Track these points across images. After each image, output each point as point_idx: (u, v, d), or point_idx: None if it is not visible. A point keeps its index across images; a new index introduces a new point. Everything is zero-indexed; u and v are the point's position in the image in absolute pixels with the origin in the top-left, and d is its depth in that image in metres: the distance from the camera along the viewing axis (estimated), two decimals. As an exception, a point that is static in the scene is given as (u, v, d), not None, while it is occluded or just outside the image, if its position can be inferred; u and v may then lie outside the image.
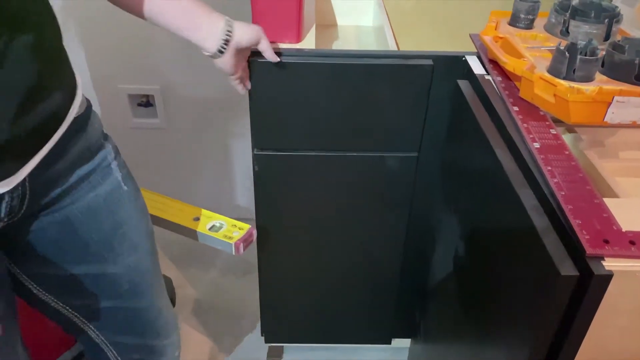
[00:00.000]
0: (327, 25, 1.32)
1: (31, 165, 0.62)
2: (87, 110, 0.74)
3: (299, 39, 0.97)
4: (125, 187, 0.78)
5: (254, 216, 1.11)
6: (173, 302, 1.48)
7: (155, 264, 0.85)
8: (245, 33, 0.83)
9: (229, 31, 0.82)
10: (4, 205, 0.62)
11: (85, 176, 0.73)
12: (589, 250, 0.53)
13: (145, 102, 1.61)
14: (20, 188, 0.63)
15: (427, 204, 1.11)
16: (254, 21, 0.95)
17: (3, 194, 0.61)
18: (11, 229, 0.67)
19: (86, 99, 0.75)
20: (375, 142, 1.03)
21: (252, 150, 1.04)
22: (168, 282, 1.47)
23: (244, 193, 1.83)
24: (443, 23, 1.45)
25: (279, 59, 0.90)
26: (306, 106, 0.98)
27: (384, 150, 1.04)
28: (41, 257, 0.73)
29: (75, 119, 0.69)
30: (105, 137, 0.79)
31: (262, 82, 0.95)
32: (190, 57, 1.54)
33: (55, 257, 0.74)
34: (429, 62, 0.94)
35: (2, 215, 0.63)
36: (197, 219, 1.02)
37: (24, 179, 0.62)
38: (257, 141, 1.03)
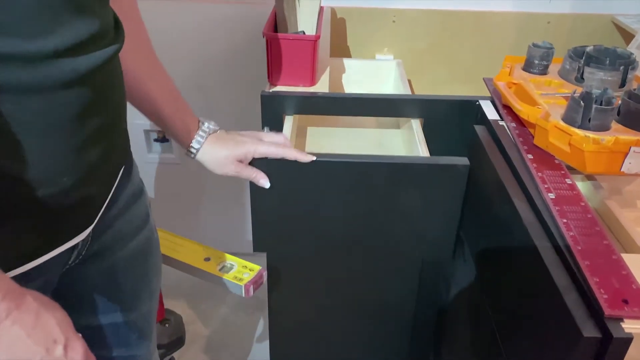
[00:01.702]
0: (341, 63, 1.33)
1: (100, 212, 0.63)
2: (130, 155, 0.74)
3: (313, 82, 0.98)
4: (155, 234, 0.78)
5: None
6: (183, 339, 1.46)
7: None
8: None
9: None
10: (75, 253, 0.62)
11: (131, 222, 0.72)
12: (607, 312, 0.51)
13: (162, 138, 1.63)
14: (89, 235, 0.63)
15: (441, 246, 1.10)
16: (269, 65, 0.96)
17: (78, 242, 0.60)
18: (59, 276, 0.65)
19: None
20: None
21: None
22: (178, 319, 1.46)
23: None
24: (457, 64, 1.46)
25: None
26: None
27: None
28: (77, 305, 0.69)
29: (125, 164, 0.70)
30: (142, 181, 0.78)
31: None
32: (207, 94, 1.56)
33: (91, 306, 0.71)
34: (446, 107, 0.94)
35: (71, 261, 0.62)
36: (208, 259, 1.02)
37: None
38: (257, 245, 1.02)
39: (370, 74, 1.27)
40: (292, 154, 0.80)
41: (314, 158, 0.80)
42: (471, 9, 1.40)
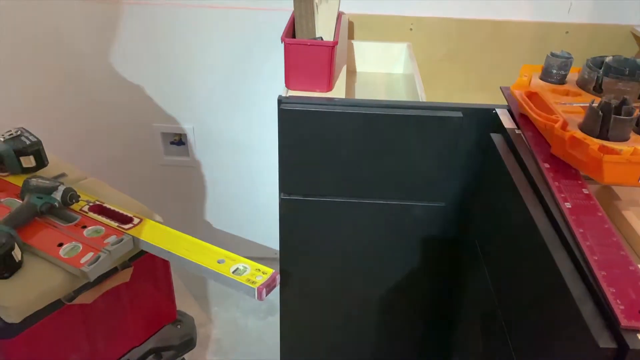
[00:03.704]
0: (358, 71, 1.34)
1: None
2: None
3: (329, 88, 0.99)
4: None
5: (277, 255, 1.11)
6: (194, 340, 1.47)
7: None
8: None
9: None
10: None
11: None
12: (623, 322, 0.51)
13: (178, 141, 1.65)
14: None
15: (454, 255, 1.09)
16: (287, 70, 0.97)
17: None
18: None
19: None
20: (402, 190, 1.02)
21: (279, 195, 1.04)
22: (189, 320, 1.46)
23: (269, 232, 1.84)
24: (473, 73, 1.46)
25: None
26: (334, 154, 0.99)
27: (410, 200, 1.03)
28: None
29: None
30: None
31: (291, 129, 0.96)
32: (223, 99, 1.58)
33: None
34: (459, 114, 0.94)
35: None
36: (222, 261, 1.02)
37: None
38: (284, 186, 1.03)
39: (382, 56, 1.32)
40: None
41: None
42: (489, 18, 1.40)
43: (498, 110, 0.94)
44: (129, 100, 1.60)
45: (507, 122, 0.91)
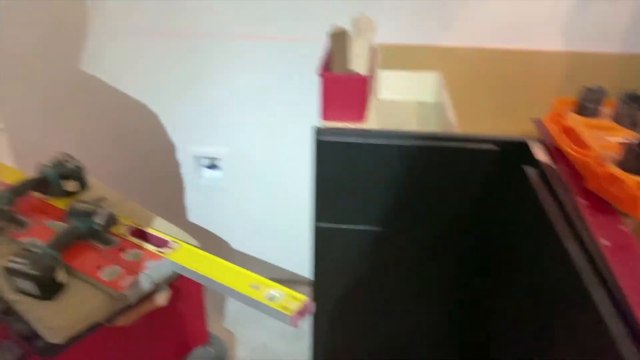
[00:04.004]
0: (388, 100, 1.36)
1: None
2: None
3: (363, 119, 1.01)
4: None
5: (307, 280, 1.12)
6: (223, 363, 1.49)
7: None
8: None
9: None
10: None
11: None
12: (665, 365, 0.51)
13: (212, 165, 1.69)
14: None
15: (486, 289, 1.09)
16: (322, 102, 1.00)
17: None
18: None
19: None
20: (435, 221, 1.04)
21: (313, 222, 1.06)
22: (221, 343, 1.48)
23: (299, 258, 1.85)
24: (502, 101, 1.47)
25: None
26: (368, 184, 1.01)
27: (443, 231, 1.04)
28: None
29: None
30: None
31: (326, 159, 0.99)
32: (257, 125, 1.62)
33: None
34: (491, 146, 0.95)
35: None
36: (256, 287, 1.04)
37: None
38: (319, 214, 1.06)
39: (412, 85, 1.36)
40: None
41: None
42: (519, 48, 1.41)
43: (531, 143, 0.95)
44: (165, 125, 1.65)
45: (540, 155, 0.92)
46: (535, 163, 0.92)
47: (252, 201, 1.76)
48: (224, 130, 1.64)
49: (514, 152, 0.96)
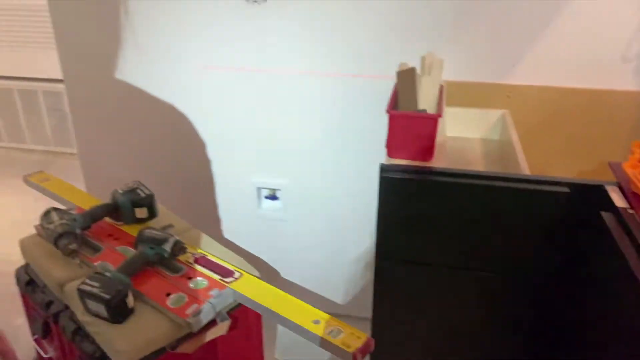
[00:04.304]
0: (454, 137, 1.35)
1: None
2: None
3: (431, 158, 1.01)
4: None
5: (365, 315, 1.11)
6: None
7: None
8: None
9: None
10: None
11: None
12: None
13: (272, 195, 1.73)
14: None
15: (555, 334, 1.05)
16: (389, 140, 1.00)
17: None
18: None
19: None
20: (501, 262, 1.01)
21: (375, 259, 1.06)
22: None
23: (355, 292, 1.84)
24: (571, 141, 1.43)
25: None
26: (433, 222, 1.00)
27: (509, 272, 1.01)
28: None
29: None
30: None
31: (391, 196, 0.99)
32: (318, 158, 1.64)
33: None
34: (565, 189, 0.93)
35: None
36: (317, 322, 1.04)
37: None
38: (381, 251, 1.05)
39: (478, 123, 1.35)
40: None
41: None
42: (590, 87, 1.37)
43: (608, 187, 0.92)
44: (229, 155, 1.71)
45: (618, 200, 0.89)
46: (612, 208, 0.88)
47: (310, 232, 1.77)
48: (285, 163, 1.67)
49: (589, 195, 0.93)
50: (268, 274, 1.82)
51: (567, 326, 1.01)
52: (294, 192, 1.70)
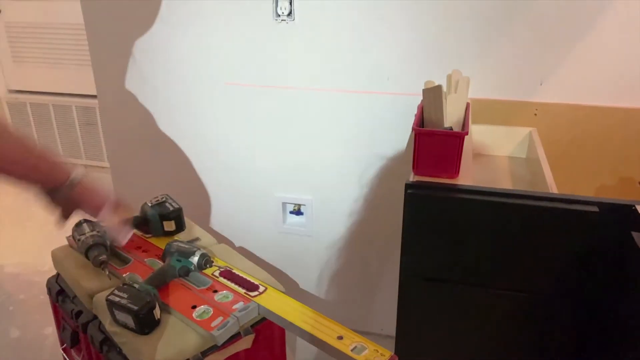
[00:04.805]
0: (481, 154, 1.35)
1: None
2: None
3: (457, 175, 1.01)
4: None
5: (388, 333, 1.10)
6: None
7: None
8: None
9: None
10: None
11: None
12: None
13: (297, 210, 1.74)
14: None
15: (582, 355, 1.03)
16: (415, 157, 1.00)
17: None
18: None
19: None
20: (530, 283, 1.00)
21: (400, 276, 1.06)
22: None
23: (380, 309, 1.83)
24: (599, 160, 1.41)
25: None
26: (459, 240, 0.99)
27: (538, 293, 1.00)
28: None
29: None
30: None
31: (417, 214, 0.99)
32: (342, 174, 1.65)
33: None
34: (595, 208, 0.91)
35: None
36: (341, 337, 1.04)
37: None
38: (406, 268, 1.05)
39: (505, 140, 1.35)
40: None
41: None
42: (620, 105, 1.36)
43: (638, 207, 0.90)
44: (255, 171, 1.73)
45: (649, 220, 0.87)
46: (643, 228, 0.87)
47: (335, 248, 1.78)
48: (310, 178, 1.69)
49: (619, 215, 0.92)
50: (292, 288, 1.82)
51: (596, 349, 0.98)
52: (318, 207, 1.71)
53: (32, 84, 3.01)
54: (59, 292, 1.26)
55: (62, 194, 1.04)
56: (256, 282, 1.17)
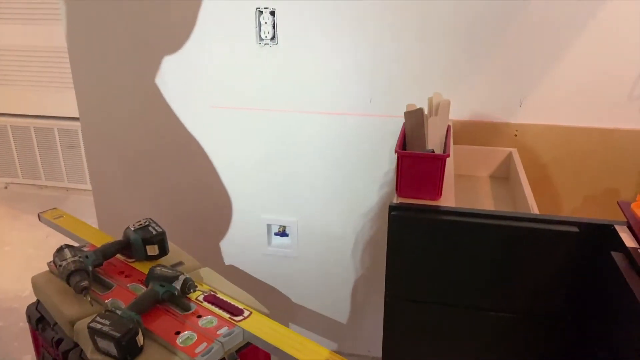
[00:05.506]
0: (462, 175, 1.36)
1: None
2: None
3: (439, 197, 1.02)
4: None
5: (375, 355, 1.10)
6: None
7: None
8: None
9: None
10: None
11: None
12: None
13: (282, 232, 1.73)
14: None
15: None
16: (398, 179, 1.02)
17: None
18: None
19: None
20: (511, 302, 1.00)
21: (385, 297, 1.06)
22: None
23: (371, 332, 1.82)
24: (579, 179, 1.43)
25: None
26: (442, 261, 1.00)
27: (519, 312, 1.01)
28: None
29: None
30: None
31: (401, 235, 0.99)
32: (326, 196, 1.66)
33: None
34: (574, 228, 0.93)
35: None
36: (326, 361, 1.04)
37: None
38: (390, 289, 1.05)
39: (486, 161, 1.37)
40: None
41: None
42: (596, 126, 1.39)
43: (617, 227, 0.92)
44: (240, 192, 1.73)
45: (628, 240, 0.89)
46: (622, 248, 0.88)
47: (320, 269, 1.77)
48: (295, 200, 1.69)
49: (598, 235, 0.93)
50: (279, 310, 1.81)
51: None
52: (303, 229, 1.71)
53: (13, 106, 2.99)
54: (39, 320, 1.23)
55: None
56: (241, 307, 1.16)
